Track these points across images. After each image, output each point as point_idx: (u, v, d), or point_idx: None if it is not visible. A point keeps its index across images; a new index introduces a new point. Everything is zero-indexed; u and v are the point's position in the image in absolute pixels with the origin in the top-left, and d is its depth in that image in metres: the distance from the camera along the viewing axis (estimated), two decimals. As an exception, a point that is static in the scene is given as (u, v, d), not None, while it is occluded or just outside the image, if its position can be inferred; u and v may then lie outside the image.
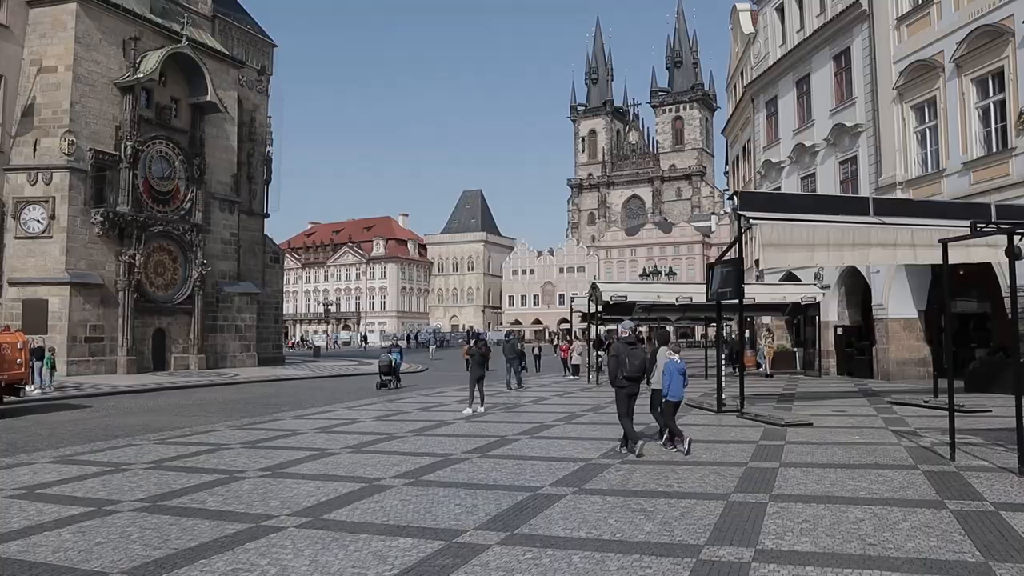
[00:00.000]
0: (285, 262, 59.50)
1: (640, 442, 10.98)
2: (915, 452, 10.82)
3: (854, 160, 26.54)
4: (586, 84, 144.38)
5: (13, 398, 19.17)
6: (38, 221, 30.83)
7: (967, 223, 10.31)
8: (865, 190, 25.13)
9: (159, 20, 34.89)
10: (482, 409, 17.41)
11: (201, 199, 36.45)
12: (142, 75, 32.85)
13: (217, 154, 38.07)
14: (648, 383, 11.80)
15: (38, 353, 23.47)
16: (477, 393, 17.63)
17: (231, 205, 39.15)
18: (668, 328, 34.69)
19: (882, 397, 18.86)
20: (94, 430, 15.53)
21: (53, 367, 25.00)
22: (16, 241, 30.85)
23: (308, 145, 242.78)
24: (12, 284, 30.60)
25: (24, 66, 31.19)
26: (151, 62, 33.20)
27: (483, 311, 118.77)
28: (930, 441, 11.68)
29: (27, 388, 20.79)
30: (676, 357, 11.55)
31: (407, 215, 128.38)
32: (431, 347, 57.94)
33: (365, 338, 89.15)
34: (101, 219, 31.73)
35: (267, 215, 43.90)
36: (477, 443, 12.59)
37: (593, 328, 29.95)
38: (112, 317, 32.31)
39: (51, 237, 30.85)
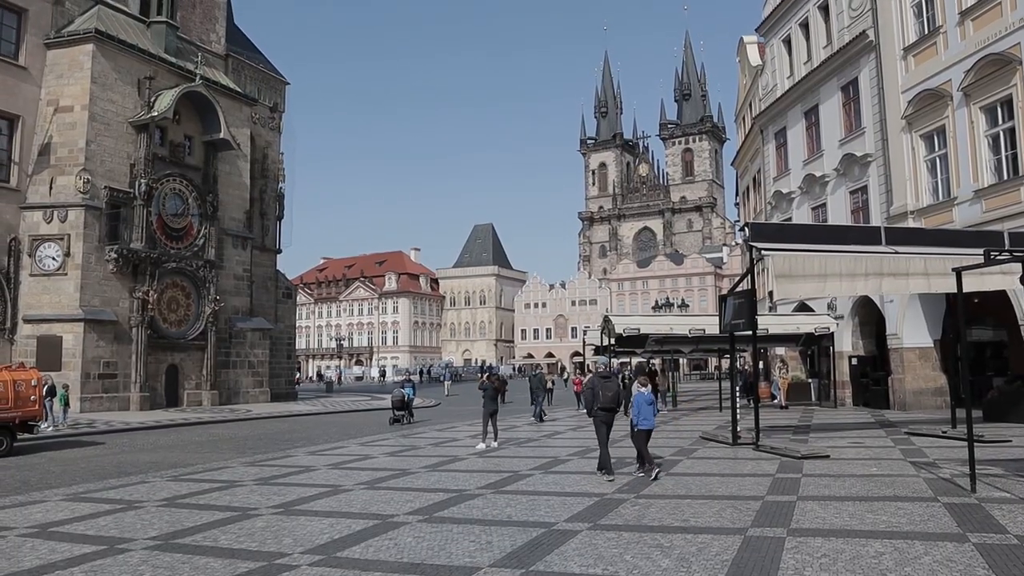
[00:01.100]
0: (298, 297, 59.64)
1: (609, 469, 12.04)
2: (935, 484, 10.67)
3: (865, 190, 26.52)
4: (595, 118, 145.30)
5: (27, 435, 19.21)
6: (53, 259, 31.09)
7: (980, 251, 10.28)
8: (876, 219, 25.08)
9: (173, 60, 35.41)
10: (495, 444, 17.30)
11: (214, 235, 36.72)
12: (156, 114, 33.29)
13: (230, 191, 38.41)
14: (627, 415, 12.64)
15: (50, 390, 23.53)
16: (490, 428, 17.54)
17: (244, 241, 39.42)
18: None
19: (899, 428, 18.66)
20: (107, 467, 15.52)
21: (67, 404, 25.05)
22: (31, 279, 31.09)
23: (319, 180, 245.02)
24: (27, 321, 30.79)
25: (41, 106, 31.66)
26: (165, 101, 33.66)
27: (495, 345, 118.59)
28: (950, 472, 11.52)
29: (41, 425, 20.83)
30: (644, 390, 12.25)
31: (419, 249, 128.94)
32: (446, 382, 55.37)
33: (384, 373, 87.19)
34: (115, 256, 31.96)
35: (279, 251, 44.16)
36: (491, 479, 12.50)
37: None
38: (125, 353, 32.42)
39: (66, 274, 31.07)
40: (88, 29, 31.85)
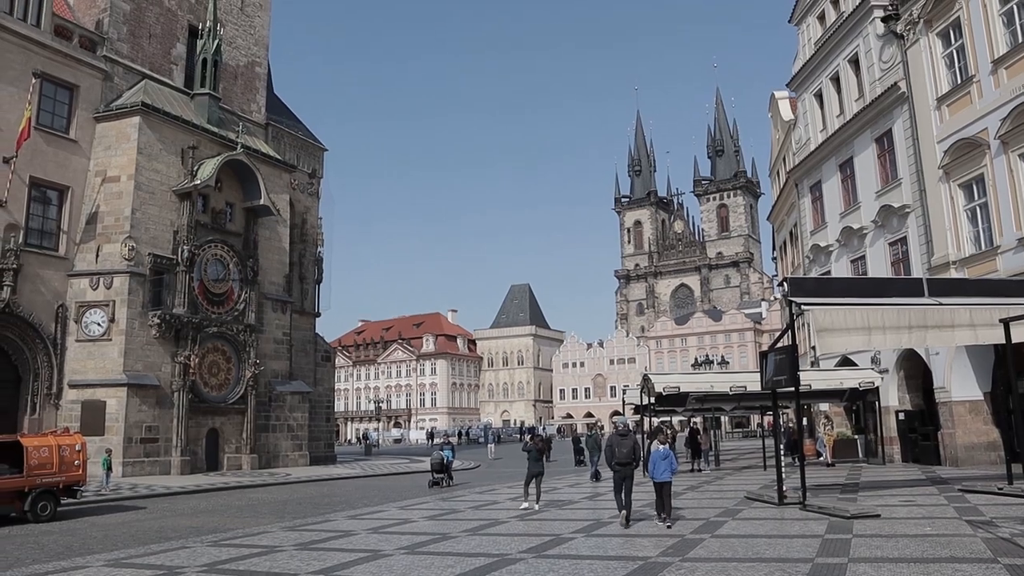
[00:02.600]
0: (336, 360, 59.77)
1: (622, 513, 13.48)
2: (993, 544, 10.27)
3: (904, 241, 26.22)
4: (629, 176, 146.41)
5: (70, 499, 19.37)
6: (98, 324, 31.68)
7: (1029, 302, 10.06)
8: (917, 271, 24.73)
9: (216, 129, 36.44)
10: (537, 507, 17.07)
11: (254, 300, 37.22)
12: (199, 182, 34.15)
13: (270, 255, 39.06)
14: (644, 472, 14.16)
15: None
16: (532, 489, 17.34)
17: (283, 305, 39.89)
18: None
19: (952, 485, 18.06)
20: (148, 532, 15.54)
21: (109, 468, 25.24)
22: (77, 344, 31.66)
23: (356, 242, 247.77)
24: (72, 386, 31.27)
25: (89, 177, 32.67)
26: (208, 169, 34.55)
27: (534, 405, 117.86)
28: (1009, 531, 11.10)
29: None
30: (661, 447, 13.82)
31: (456, 311, 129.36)
32: (490, 445, 51.33)
33: (431, 435, 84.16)
34: (158, 321, 32.48)
35: (318, 314, 44.58)
36: (532, 542, 12.30)
37: (647, 420, 29.49)
38: (167, 418, 32.70)
39: (110, 340, 31.61)
40: (135, 102, 32.96)
